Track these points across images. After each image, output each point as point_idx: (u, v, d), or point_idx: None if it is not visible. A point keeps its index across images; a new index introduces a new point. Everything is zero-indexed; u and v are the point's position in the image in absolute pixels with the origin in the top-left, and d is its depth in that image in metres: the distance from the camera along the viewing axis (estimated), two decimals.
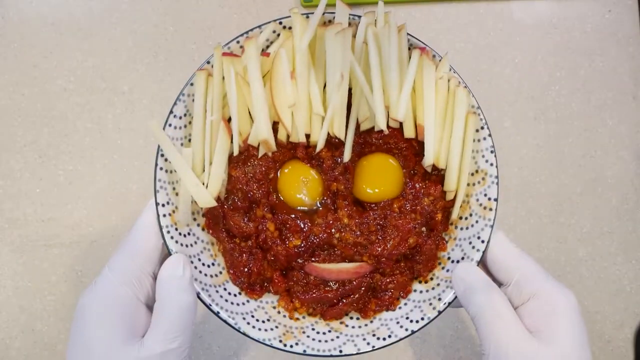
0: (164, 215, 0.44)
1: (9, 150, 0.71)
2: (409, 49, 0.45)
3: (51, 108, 0.72)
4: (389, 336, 0.44)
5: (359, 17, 0.44)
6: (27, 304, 0.70)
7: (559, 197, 0.73)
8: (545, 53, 0.75)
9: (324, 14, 0.44)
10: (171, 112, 0.44)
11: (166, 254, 0.46)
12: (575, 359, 0.41)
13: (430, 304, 0.45)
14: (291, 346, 0.43)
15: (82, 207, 0.71)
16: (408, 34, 0.45)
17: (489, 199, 0.44)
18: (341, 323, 0.46)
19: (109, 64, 0.73)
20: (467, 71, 0.74)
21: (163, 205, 0.44)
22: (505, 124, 0.74)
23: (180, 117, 0.45)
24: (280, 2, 0.75)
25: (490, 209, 0.44)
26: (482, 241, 0.44)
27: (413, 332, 0.44)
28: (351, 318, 0.47)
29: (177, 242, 0.44)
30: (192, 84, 0.45)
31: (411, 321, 0.45)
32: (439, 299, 0.45)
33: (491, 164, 0.45)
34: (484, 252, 0.44)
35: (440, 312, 0.44)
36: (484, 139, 0.45)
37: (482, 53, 0.75)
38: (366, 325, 0.46)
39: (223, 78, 0.44)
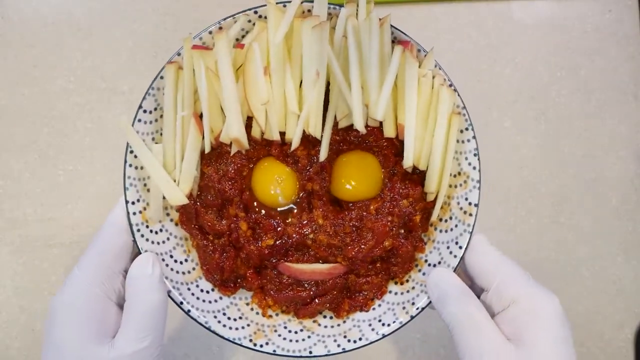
0: (134, 213, 0.43)
1: (9, 150, 0.71)
2: (393, 42, 0.42)
3: (51, 108, 0.72)
4: (360, 339, 0.43)
5: (341, 6, 0.41)
6: (27, 304, 0.70)
7: (559, 197, 0.73)
8: (545, 53, 0.75)
9: (302, 2, 0.41)
10: (140, 106, 0.43)
11: (137, 251, 0.45)
12: None
13: (404, 307, 0.44)
14: (261, 345, 0.43)
15: (82, 207, 0.71)
16: (392, 26, 0.42)
17: (470, 203, 0.43)
18: (314, 322, 0.45)
19: (109, 64, 0.73)
20: (467, 71, 0.75)
21: (133, 202, 0.43)
22: (505, 124, 0.74)
23: (150, 112, 0.44)
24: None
25: (470, 214, 0.42)
26: (460, 247, 0.43)
27: (384, 336, 0.43)
28: (325, 317, 0.46)
29: (147, 239, 0.44)
30: (162, 77, 0.43)
31: (383, 324, 0.44)
32: (413, 304, 0.44)
33: (474, 168, 0.42)
34: (461, 259, 0.42)
35: (412, 317, 0.43)
36: (468, 140, 0.43)
37: (482, 53, 0.75)
38: (339, 325, 0.45)
39: (194, 72, 0.42)
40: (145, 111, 0.43)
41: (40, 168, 0.71)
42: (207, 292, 0.45)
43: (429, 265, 0.45)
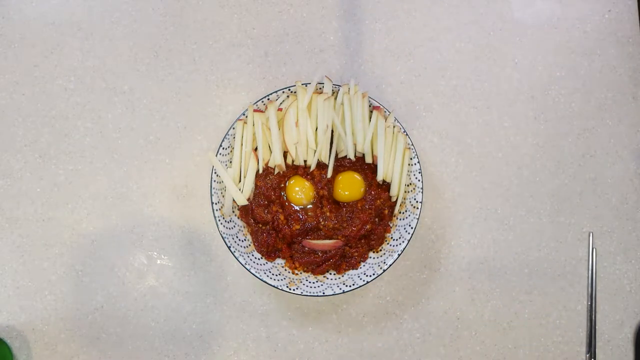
0: (217, 210, 0.66)
1: (9, 150, 0.71)
2: (370, 105, 0.69)
3: (51, 108, 0.72)
4: (352, 284, 0.67)
5: (339, 86, 0.68)
6: (27, 304, 0.70)
7: (559, 197, 0.73)
8: (545, 53, 0.75)
9: (317, 84, 0.68)
10: (221, 145, 0.67)
11: None
12: None
13: (379, 265, 0.67)
14: (293, 290, 0.66)
15: (82, 207, 0.71)
16: (369, 97, 0.68)
17: (417, 201, 0.68)
18: (324, 276, 0.69)
19: (109, 64, 0.73)
20: (467, 71, 0.75)
21: (215, 203, 0.67)
22: (505, 124, 0.74)
23: (225, 148, 0.68)
24: (281, 1, 0.75)
25: (417, 208, 0.67)
26: (412, 227, 0.67)
27: (367, 282, 0.66)
28: (330, 273, 0.70)
29: (224, 226, 0.67)
30: (233, 128, 0.68)
31: (367, 275, 0.67)
32: (384, 262, 0.67)
33: (418, 180, 0.68)
34: (412, 235, 0.67)
35: (384, 270, 0.67)
36: (415, 164, 0.68)
37: (482, 53, 0.75)
38: (339, 278, 0.69)
39: (253, 124, 0.68)
40: (224, 148, 0.67)
41: (40, 168, 0.71)
42: (258, 259, 0.68)
43: (393, 239, 0.69)
